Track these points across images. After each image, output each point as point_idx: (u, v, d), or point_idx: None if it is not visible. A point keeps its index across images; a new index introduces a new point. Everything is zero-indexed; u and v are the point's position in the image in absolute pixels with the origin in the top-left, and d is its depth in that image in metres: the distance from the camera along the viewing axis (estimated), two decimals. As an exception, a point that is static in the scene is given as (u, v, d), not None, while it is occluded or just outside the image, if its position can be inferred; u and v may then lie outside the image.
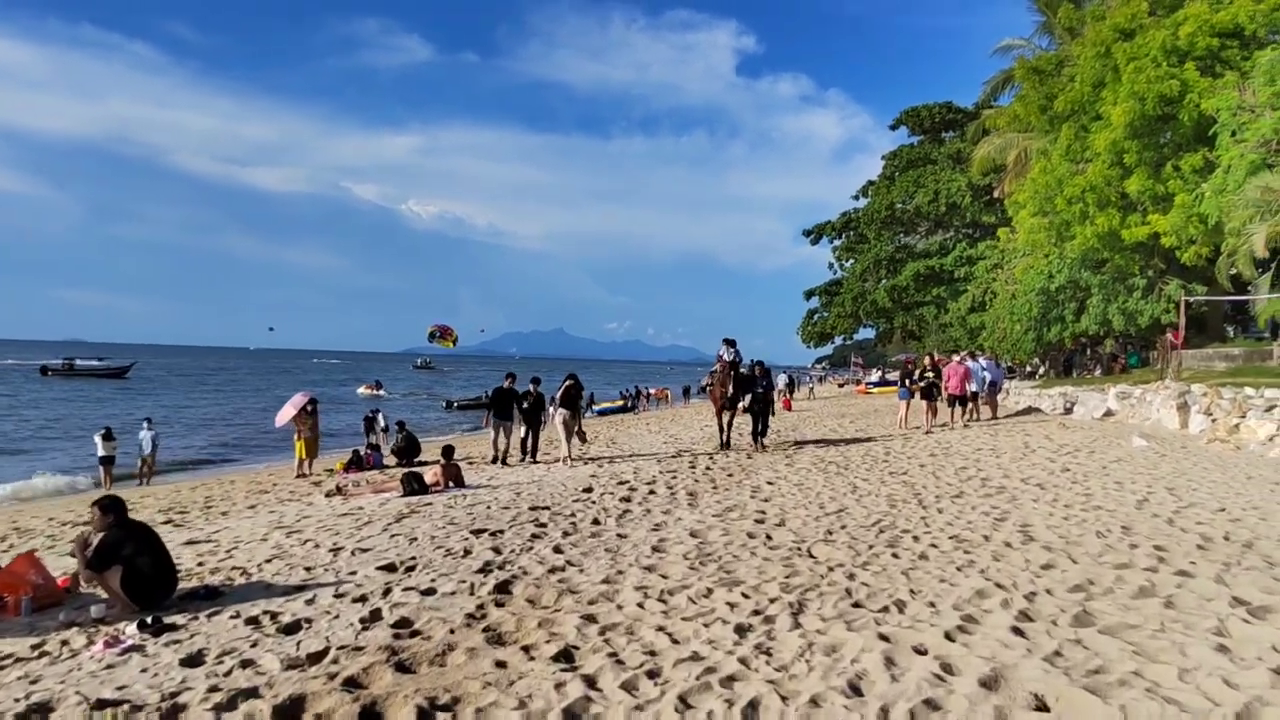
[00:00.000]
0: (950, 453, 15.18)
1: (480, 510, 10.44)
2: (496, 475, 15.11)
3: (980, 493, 10.83)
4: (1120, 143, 26.83)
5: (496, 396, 17.76)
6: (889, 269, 50.52)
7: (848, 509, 10.14)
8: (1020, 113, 31.79)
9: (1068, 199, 28.43)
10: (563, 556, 7.80)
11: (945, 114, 51.74)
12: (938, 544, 7.73)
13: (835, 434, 21.04)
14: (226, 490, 16.56)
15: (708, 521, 9.59)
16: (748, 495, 11.53)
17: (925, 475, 12.68)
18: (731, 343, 16.97)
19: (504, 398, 17.59)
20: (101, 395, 59.99)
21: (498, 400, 17.66)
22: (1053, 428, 17.79)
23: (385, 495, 12.87)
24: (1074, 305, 31.56)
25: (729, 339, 17.06)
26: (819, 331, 56.62)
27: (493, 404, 17.77)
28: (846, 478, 12.93)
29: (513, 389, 17.71)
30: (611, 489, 12.34)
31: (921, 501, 10.42)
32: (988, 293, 40.68)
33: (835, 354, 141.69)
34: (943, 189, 45.75)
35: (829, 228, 56.38)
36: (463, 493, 12.50)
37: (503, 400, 17.57)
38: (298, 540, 8.95)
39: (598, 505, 10.90)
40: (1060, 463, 13.02)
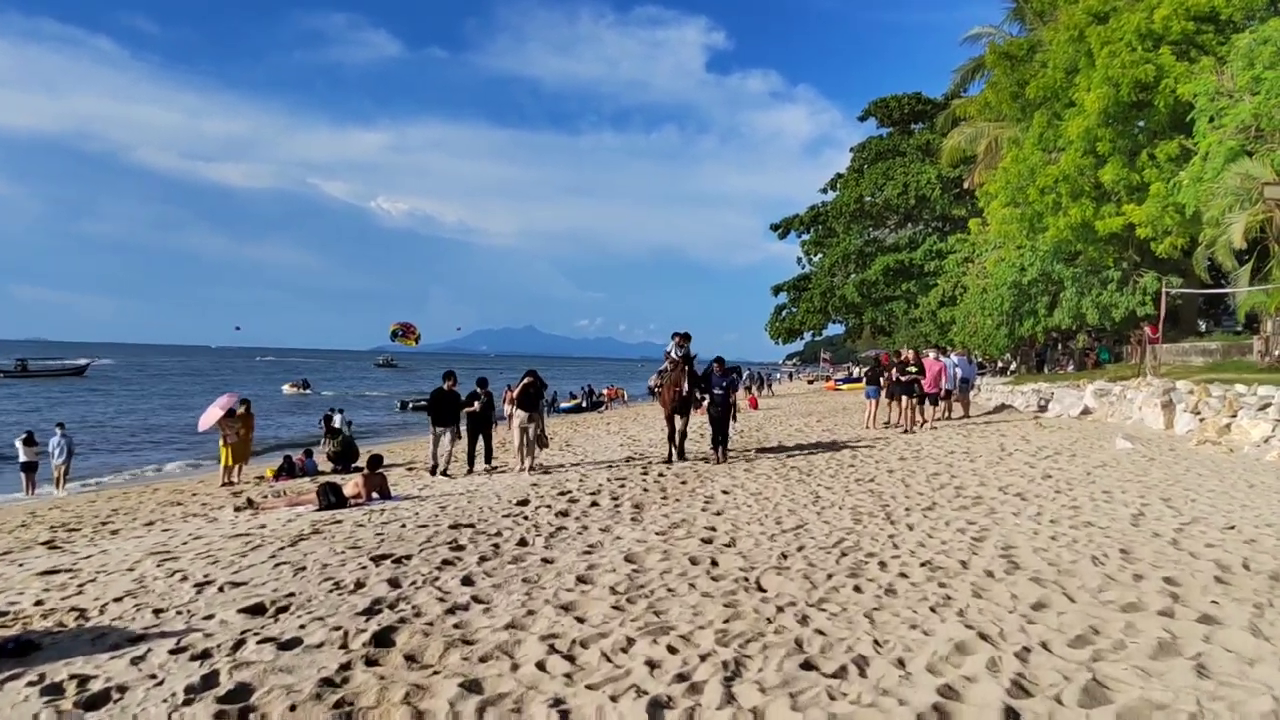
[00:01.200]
0: (921, 456, 14.12)
1: (393, 529, 9.21)
2: (432, 485, 13.87)
3: (955, 504, 9.74)
4: (1094, 130, 26.00)
5: (435, 400, 15.77)
6: (858, 263, 49.64)
7: (807, 524, 9.02)
8: (991, 100, 30.91)
9: (1040, 189, 27.58)
10: (470, 590, 6.61)
11: (915, 105, 50.87)
12: (907, 572, 6.61)
13: (801, 434, 19.97)
14: (139, 501, 15.20)
15: (649, 541, 8.44)
16: (699, 507, 10.40)
17: (894, 483, 11.59)
18: (685, 337, 15.02)
19: (443, 402, 15.61)
20: (51, 395, 58.01)
21: (436, 404, 15.71)
22: (1029, 428, 16.80)
23: (300, 508, 11.61)
24: (1046, 299, 30.76)
25: (680, 333, 15.12)
26: (787, 327, 55.64)
27: (431, 408, 15.88)
28: (809, 485, 11.82)
29: (453, 391, 15.71)
30: (550, 500, 11.16)
31: (889, 515, 9.32)
32: (958, 287, 39.89)
33: (806, 350, 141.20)
34: (912, 181, 44.88)
35: (797, 222, 55.42)
36: (383, 506, 11.25)
37: (441, 404, 15.60)
38: (167, 570, 7.68)
39: (530, 521, 9.72)
40: (1040, 468, 11.97)
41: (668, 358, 15.09)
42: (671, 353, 15.05)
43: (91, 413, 47.33)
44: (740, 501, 10.72)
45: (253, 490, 15.50)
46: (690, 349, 15.11)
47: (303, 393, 69.65)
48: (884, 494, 10.76)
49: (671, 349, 15.10)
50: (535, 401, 14.98)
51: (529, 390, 14.88)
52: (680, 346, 15.00)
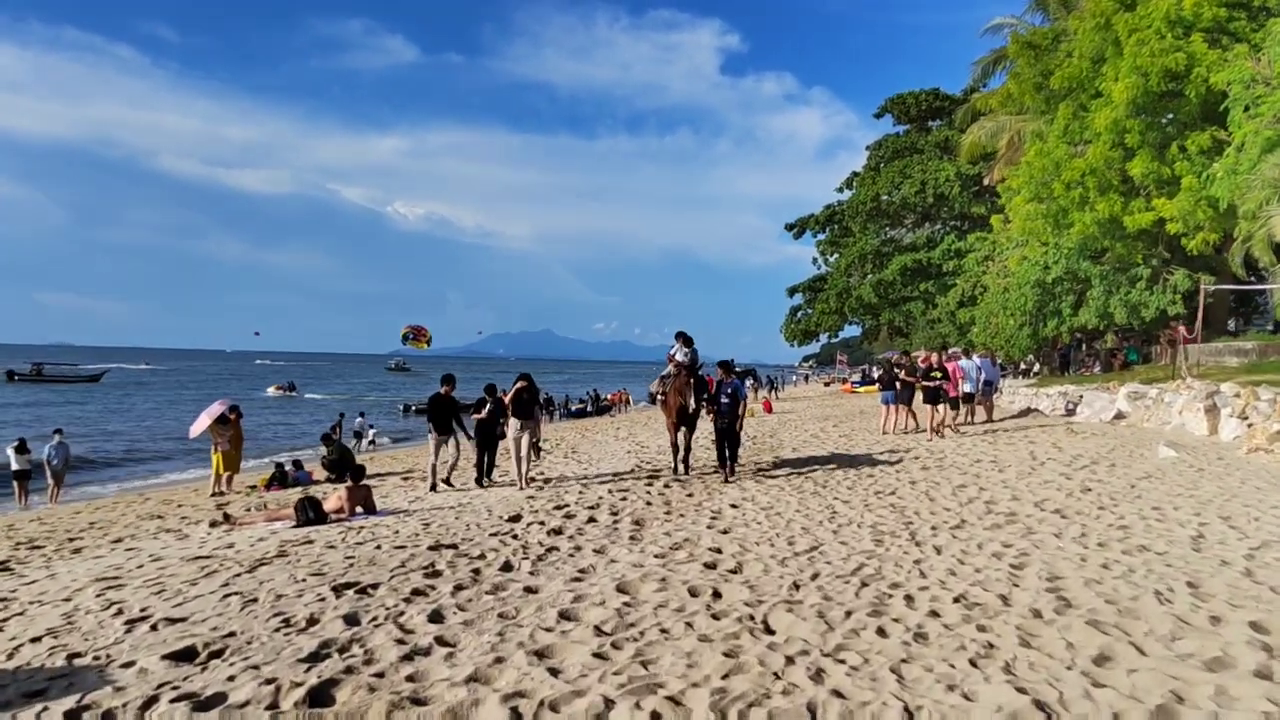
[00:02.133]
0: (945, 466, 13.18)
1: (366, 551, 8.36)
2: (423, 498, 13.03)
3: (986, 522, 8.82)
4: (1122, 122, 24.93)
5: (434, 407, 14.42)
6: (875, 263, 48.56)
7: (823, 545, 8.14)
8: (1014, 92, 29.87)
9: (1065, 184, 26.52)
10: (436, 629, 5.77)
11: (932, 101, 49.77)
12: (939, 610, 5.71)
13: (816, 440, 19.05)
14: (121, 514, 14.43)
15: (646, 565, 7.58)
16: (704, 524, 9.53)
17: (917, 496, 10.67)
18: (687, 340, 13.73)
19: (440, 408, 14.30)
20: (57, 400, 57.65)
21: (435, 411, 14.34)
22: (1060, 434, 15.82)
23: (278, 524, 10.80)
24: (1071, 298, 29.68)
25: (683, 334, 13.80)
26: (803, 329, 54.59)
27: (430, 416, 14.46)
28: (824, 498, 10.92)
29: (451, 398, 14.40)
30: (545, 515, 10.30)
31: (914, 535, 8.42)
32: (977, 286, 38.82)
33: (822, 352, 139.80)
34: (930, 179, 43.79)
35: (812, 221, 54.40)
36: (363, 523, 10.41)
37: (440, 411, 14.27)
38: (105, 602, 6.86)
39: (519, 541, 8.86)
40: (1078, 480, 11.02)
41: (671, 361, 13.67)
42: (675, 356, 13.68)
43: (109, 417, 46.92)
44: (750, 518, 9.83)
45: (237, 502, 14.73)
46: (695, 351, 13.79)
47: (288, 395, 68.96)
48: (907, 509, 9.85)
49: (675, 351, 13.76)
50: (530, 408, 13.70)
51: (523, 396, 13.54)
52: (684, 349, 13.69)
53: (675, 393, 13.13)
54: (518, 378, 13.81)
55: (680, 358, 13.55)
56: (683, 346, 13.71)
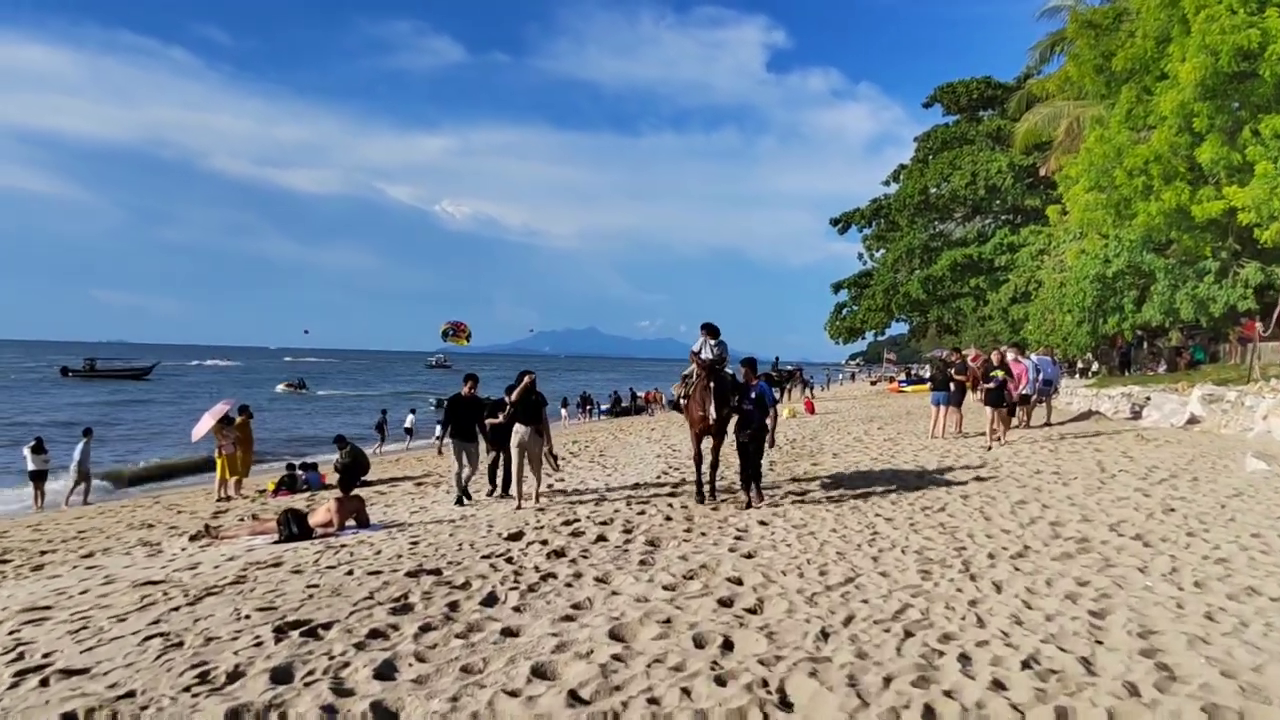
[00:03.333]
0: (1001, 477, 11.87)
1: (333, 579, 7.33)
2: (426, 509, 12.02)
3: (1054, 550, 7.57)
4: (1190, 105, 23.22)
5: (453, 409, 12.46)
6: (923, 258, 46.80)
7: (859, 577, 6.96)
8: (1073, 74, 28.16)
9: (1128, 171, 24.82)
10: (378, 690, 4.71)
11: (984, 90, 47.85)
12: (1004, 679, 4.52)
13: (859, 444, 17.76)
14: (115, 521, 13.65)
15: (652, 600, 6.48)
16: (727, 545, 8.39)
17: (970, 514, 9.41)
18: (713, 331, 11.56)
19: (462, 410, 12.39)
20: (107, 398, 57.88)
21: (454, 414, 12.39)
22: (1128, 441, 14.38)
23: (260, 538, 9.86)
24: (1134, 293, 27.97)
25: (709, 325, 11.60)
26: (848, 327, 52.92)
27: (448, 419, 12.52)
28: (864, 514, 9.71)
29: (474, 397, 12.53)
30: (549, 534, 9.21)
31: (968, 564, 7.20)
32: (1031, 282, 37.09)
33: (869, 350, 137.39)
34: (981, 170, 41.99)
35: (858, 216, 52.70)
36: (348, 540, 9.40)
37: (461, 414, 12.35)
38: (14, 641, 5.90)
39: (513, 565, 7.79)
40: (1158, 497, 9.67)
41: (694, 359, 11.38)
42: (700, 352, 11.44)
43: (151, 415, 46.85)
44: (779, 538, 8.67)
45: (235, 510, 13.86)
46: (724, 344, 11.63)
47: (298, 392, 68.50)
48: (959, 530, 8.61)
49: (699, 346, 11.55)
50: (538, 411, 11.74)
51: (527, 396, 11.62)
52: (709, 344, 11.51)
53: (696, 399, 10.95)
54: (520, 374, 11.83)
55: (707, 354, 11.40)
56: (707, 339, 11.52)
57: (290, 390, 69.46)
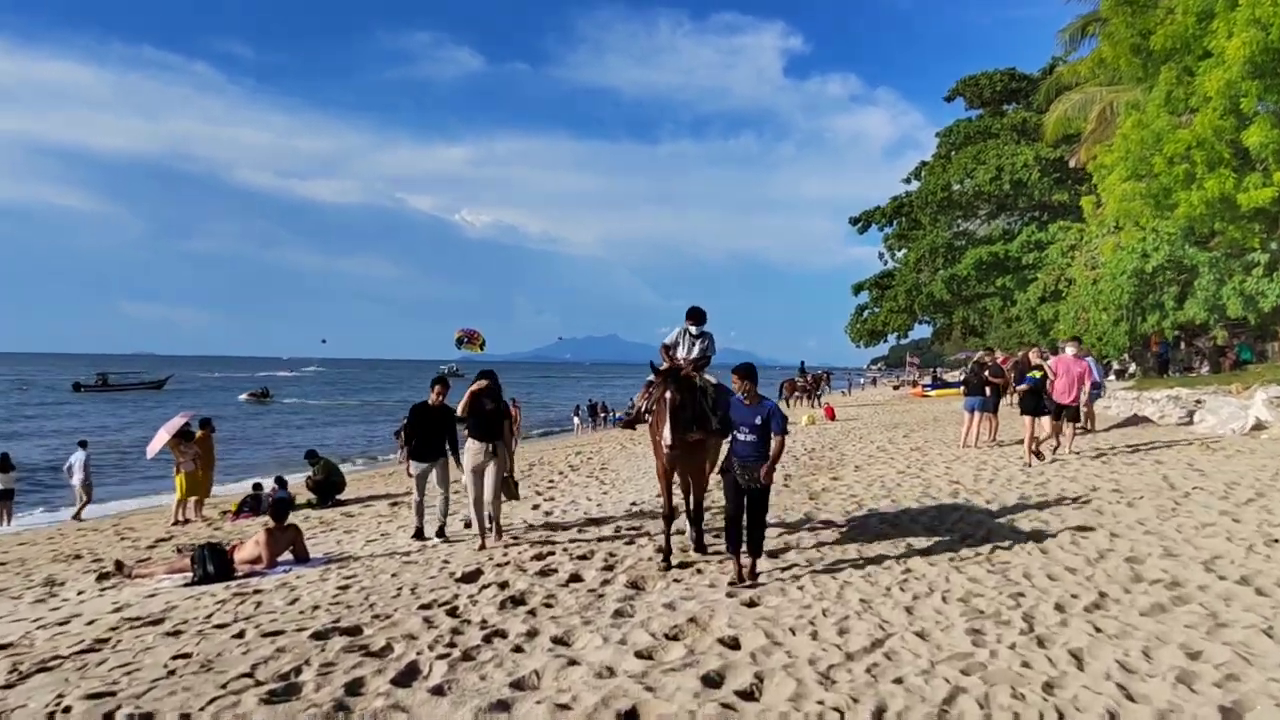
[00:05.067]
0: (1051, 497, 10.20)
1: (217, 642, 5.78)
2: (383, 538, 10.47)
3: (1139, 599, 5.92)
4: (1236, 84, 21.43)
5: (415, 421, 9.91)
6: (946, 258, 44.94)
7: (891, 637, 5.39)
8: (1108, 56, 26.37)
9: (1168, 158, 23.02)
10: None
11: (1008, 82, 45.95)
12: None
13: (885, 454, 16.10)
14: (50, 546, 12.21)
15: (618, 676, 4.95)
16: (725, 589, 6.80)
17: (1022, 544, 7.76)
18: (698, 318, 8.51)
19: (424, 423, 9.80)
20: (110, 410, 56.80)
21: (416, 427, 9.86)
22: (1192, 451, 12.64)
23: (176, 576, 8.35)
24: (1175, 289, 26.16)
25: (695, 310, 8.55)
26: (869, 329, 51.01)
27: (409, 433, 10.13)
28: (894, 545, 8.08)
29: (444, 407, 9.82)
30: (513, 572, 7.65)
31: (1030, 619, 5.60)
32: (1061, 280, 35.27)
33: (891, 354, 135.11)
34: (1006, 164, 40.12)
35: (878, 214, 50.85)
36: (266, 582, 7.84)
37: (424, 428, 9.77)
38: None
39: (457, 619, 6.26)
40: (1251, 522, 7.95)
41: (665, 355, 8.31)
42: (675, 347, 8.46)
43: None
44: (789, 576, 7.07)
45: (201, 530, 12.36)
46: (709, 339, 8.58)
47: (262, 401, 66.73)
48: (1010, 567, 6.97)
49: (674, 338, 8.55)
50: (494, 425, 9.04)
51: (482, 404, 8.98)
52: (688, 339, 8.49)
53: (656, 415, 7.71)
54: (476, 377, 9.28)
55: (682, 352, 8.36)
56: (688, 328, 8.48)
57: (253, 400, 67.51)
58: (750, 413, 7.14)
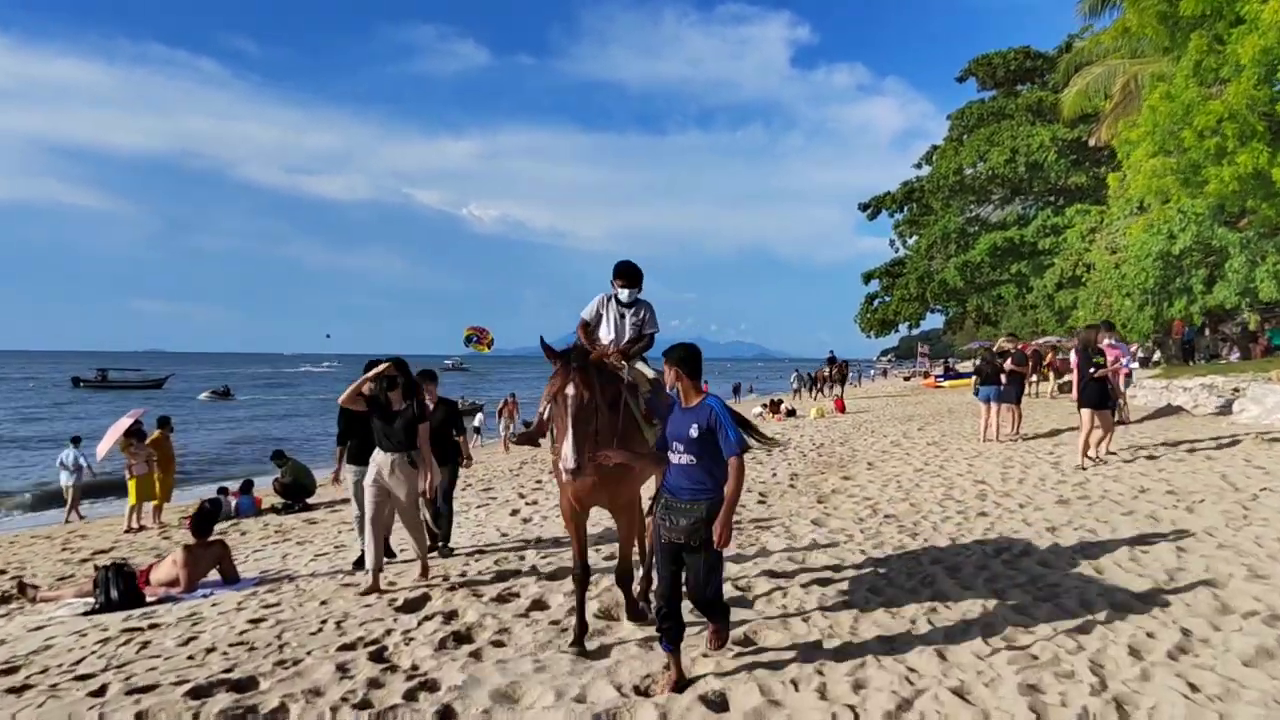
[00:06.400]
0: (1093, 499, 8.95)
1: (67, 701, 4.60)
2: (345, 549, 9.29)
3: (1233, 640, 4.68)
4: (1273, 50, 20.06)
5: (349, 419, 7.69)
6: (959, 244, 43.55)
7: (921, 697, 4.17)
8: (1133, 24, 24.92)
9: (1198, 132, 21.68)
10: None
11: (1023, 61, 44.44)
12: None
13: (899, 449, 14.87)
14: None
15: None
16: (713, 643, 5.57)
17: (1070, 562, 6.51)
18: (630, 277, 6.07)
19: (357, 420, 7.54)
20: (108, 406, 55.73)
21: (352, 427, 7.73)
22: (1247, 445, 11.32)
23: (77, 603, 7.18)
24: (1203, 271, 24.79)
25: (626, 266, 6.08)
26: (880, 319, 49.68)
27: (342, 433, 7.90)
28: (916, 560, 6.85)
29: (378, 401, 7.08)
30: (465, 599, 6.44)
31: (1100, 674, 4.36)
32: (1079, 265, 33.87)
33: (901, 345, 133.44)
34: (1021, 146, 38.68)
35: (888, 200, 49.47)
36: (165, 615, 6.63)
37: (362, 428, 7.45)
38: None
39: (381, 664, 5.07)
40: (1344, 533, 6.71)
41: (582, 337, 6.04)
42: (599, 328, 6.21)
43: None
44: (791, 603, 5.86)
45: (154, 538, 11.22)
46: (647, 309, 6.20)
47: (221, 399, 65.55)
48: (1064, 595, 5.72)
49: (593, 311, 6.21)
50: (404, 430, 7.00)
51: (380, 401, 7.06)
52: (618, 303, 6.15)
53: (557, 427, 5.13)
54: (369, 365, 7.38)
55: (607, 332, 6.12)
56: (617, 291, 6.13)
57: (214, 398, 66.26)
58: (685, 419, 4.58)
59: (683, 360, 4.69)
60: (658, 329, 6.22)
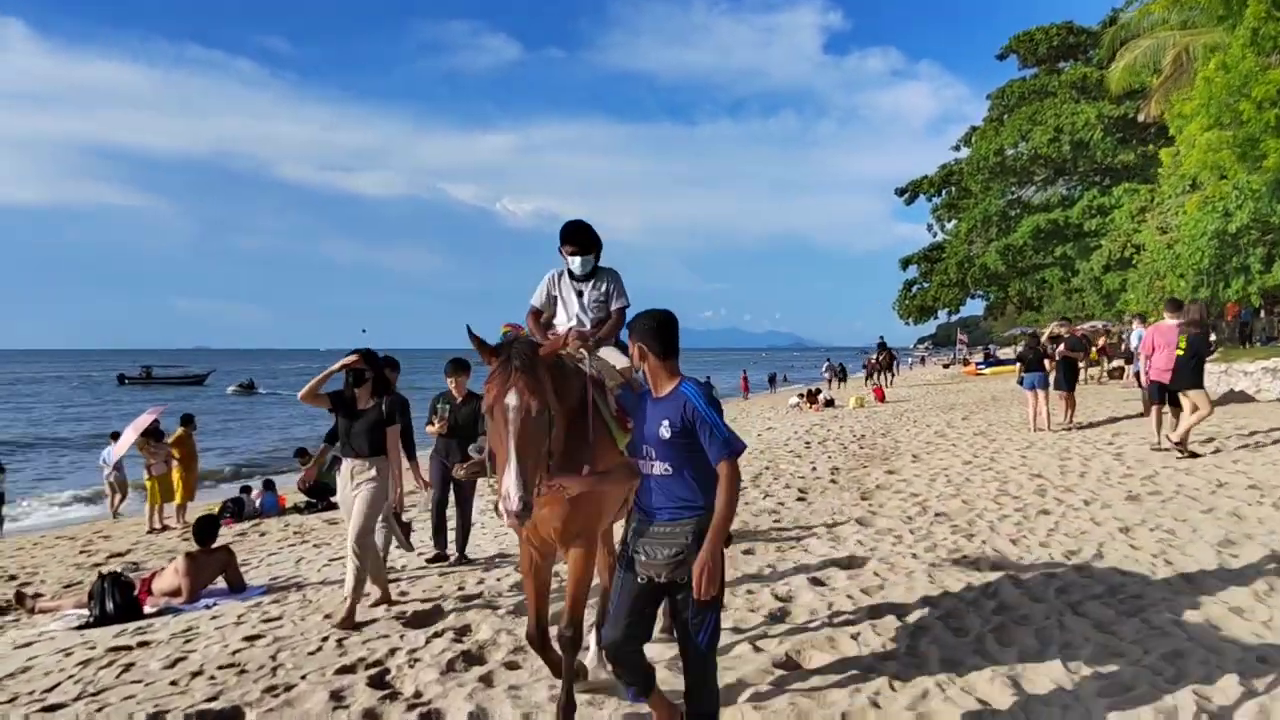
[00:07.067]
0: (1166, 492, 8.24)
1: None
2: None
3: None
4: (1338, 15, 19.08)
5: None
6: (1000, 227, 42.35)
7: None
8: (1186, -10, 23.98)
9: (1256, 103, 20.66)
10: None
11: (1065, 37, 43.08)
12: None
13: (944, 439, 14.19)
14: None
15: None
16: (751, 629, 4.99)
17: (1152, 570, 5.84)
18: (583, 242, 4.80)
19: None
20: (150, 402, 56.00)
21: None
22: (1326, 432, 10.56)
23: (71, 616, 6.75)
24: (1261, 250, 23.71)
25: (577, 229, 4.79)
26: (919, 305, 48.59)
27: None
28: (975, 568, 6.21)
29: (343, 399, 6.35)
30: (480, 611, 5.91)
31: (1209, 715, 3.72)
32: (1127, 247, 32.71)
33: (939, 333, 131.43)
34: (1065, 124, 37.45)
35: (926, 184, 48.32)
36: (161, 630, 6.15)
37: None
38: None
39: (379, 691, 4.55)
40: None
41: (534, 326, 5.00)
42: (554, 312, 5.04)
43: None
44: (834, 610, 5.25)
45: (175, 540, 10.84)
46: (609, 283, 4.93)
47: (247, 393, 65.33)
48: (1153, 611, 5.07)
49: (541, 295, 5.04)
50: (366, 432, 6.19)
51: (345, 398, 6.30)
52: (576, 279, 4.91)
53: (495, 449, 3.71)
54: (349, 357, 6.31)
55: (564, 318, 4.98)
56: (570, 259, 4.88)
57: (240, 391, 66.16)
58: (657, 412, 3.48)
59: (650, 332, 3.49)
60: (628, 301, 4.91)
